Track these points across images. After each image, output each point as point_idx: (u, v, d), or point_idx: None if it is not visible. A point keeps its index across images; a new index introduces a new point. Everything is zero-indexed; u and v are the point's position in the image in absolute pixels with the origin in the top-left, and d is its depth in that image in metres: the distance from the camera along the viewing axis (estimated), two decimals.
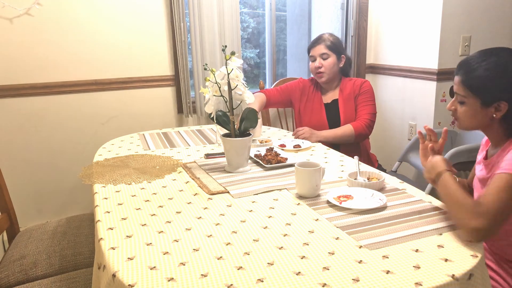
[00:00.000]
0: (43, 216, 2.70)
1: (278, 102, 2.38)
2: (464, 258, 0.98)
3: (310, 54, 2.28)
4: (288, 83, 2.42)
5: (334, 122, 2.25)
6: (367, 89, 2.27)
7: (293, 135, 2.17)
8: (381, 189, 1.41)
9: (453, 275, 0.92)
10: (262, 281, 0.91)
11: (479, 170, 1.36)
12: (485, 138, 1.39)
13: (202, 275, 0.93)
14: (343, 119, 2.25)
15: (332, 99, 2.31)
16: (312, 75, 2.37)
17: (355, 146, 2.28)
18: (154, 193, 1.42)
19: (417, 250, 1.02)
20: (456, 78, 1.27)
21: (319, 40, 2.26)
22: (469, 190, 1.51)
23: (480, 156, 1.38)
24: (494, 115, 1.21)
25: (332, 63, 2.24)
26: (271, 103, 2.36)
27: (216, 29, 2.77)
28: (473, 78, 1.22)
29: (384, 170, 2.20)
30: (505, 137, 1.24)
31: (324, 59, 2.23)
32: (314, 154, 1.88)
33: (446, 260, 0.97)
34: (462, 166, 2.33)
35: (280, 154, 1.75)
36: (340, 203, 1.27)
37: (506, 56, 1.19)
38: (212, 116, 1.62)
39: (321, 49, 2.23)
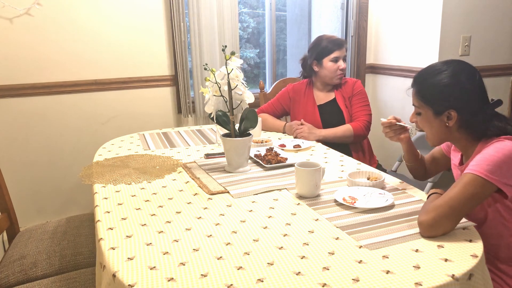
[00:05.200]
0: (43, 216, 2.70)
1: (274, 115, 2.40)
2: (464, 258, 0.98)
3: (333, 56, 2.23)
4: (278, 94, 2.44)
5: (328, 123, 2.25)
6: (361, 89, 2.29)
7: (292, 133, 2.18)
8: (381, 189, 1.41)
9: (453, 275, 0.92)
10: (262, 281, 0.91)
11: (456, 175, 1.39)
12: None
13: (202, 275, 0.93)
14: (347, 118, 2.25)
15: (325, 100, 2.32)
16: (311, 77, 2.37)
17: (356, 146, 2.29)
18: (154, 193, 1.42)
19: (417, 250, 1.02)
20: (412, 90, 1.33)
21: (342, 42, 2.27)
22: (423, 164, 1.58)
23: (456, 159, 1.41)
24: (447, 124, 1.26)
25: None
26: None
27: (215, 29, 2.77)
28: (424, 88, 1.29)
29: (384, 170, 2.20)
30: (471, 143, 1.27)
31: (344, 61, 2.26)
32: (314, 154, 1.88)
33: (446, 260, 0.98)
34: None
35: (280, 154, 1.75)
36: (353, 203, 1.27)
37: (457, 67, 1.26)
38: (212, 116, 1.62)
39: (344, 51, 2.27)
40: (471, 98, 1.24)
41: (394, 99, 3.24)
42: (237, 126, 1.63)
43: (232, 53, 1.52)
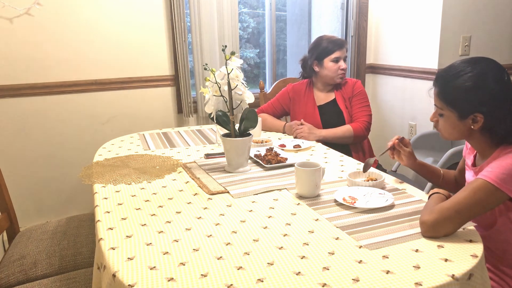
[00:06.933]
0: (43, 216, 2.70)
1: (274, 115, 2.40)
2: (464, 258, 0.98)
3: (334, 56, 2.23)
4: (278, 94, 2.44)
5: (328, 124, 2.25)
6: (361, 90, 2.29)
7: (292, 133, 2.18)
8: (381, 189, 1.41)
9: (453, 275, 0.92)
10: (262, 281, 0.91)
11: (470, 176, 1.36)
12: None
13: (202, 275, 0.93)
14: (347, 118, 2.25)
15: (325, 101, 2.32)
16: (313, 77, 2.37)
17: (356, 146, 2.29)
18: (154, 193, 1.42)
19: (417, 250, 1.02)
20: (434, 90, 1.27)
21: (343, 43, 2.27)
22: (456, 184, 1.55)
23: (469, 160, 1.38)
24: (472, 127, 1.21)
25: None
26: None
27: (215, 29, 2.77)
28: (448, 91, 1.22)
29: (384, 170, 2.20)
30: (490, 146, 1.23)
31: (344, 61, 2.25)
32: (314, 154, 1.88)
33: (446, 260, 0.97)
34: None
35: (280, 154, 1.75)
36: (353, 203, 1.27)
37: (483, 68, 1.18)
38: (212, 116, 1.62)
39: (344, 51, 2.27)
40: (499, 101, 1.17)
41: (394, 99, 3.25)
42: (237, 126, 1.63)
43: (232, 53, 1.52)
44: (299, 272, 0.94)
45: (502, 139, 1.21)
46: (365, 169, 1.50)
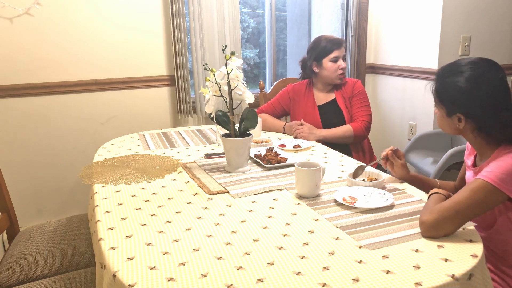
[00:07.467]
0: (43, 216, 2.70)
1: (273, 115, 2.40)
2: (464, 258, 0.98)
3: (333, 55, 2.23)
4: (278, 94, 2.44)
5: (328, 124, 2.25)
6: (361, 90, 2.29)
7: (292, 133, 2.18)
8: (381, 189, 1.41)
9: (453, 275, 0.92)
10: (262, 281, 0.91)
11: (470, 176, 1.36)
12: None
13: (202, 275, 0.93)
14: (347, 118, 2.25)
15: (325, 101, 2.32)
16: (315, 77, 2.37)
17: (356, 146, 2.29)
18: (154, 193, 1.42)
19: (417, 250, 1.02)
20: (434, 84, 1.31)
21: (341, 42, 2.27)
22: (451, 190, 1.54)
23: (469, 161, 1.39)
24: (458, 126, 1.24)
25: None
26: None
27: (216, 29, 2.77)
28: (440, 86, 1.26)
29: (384, 170, 2.20)
30: (489, 146, 1.24)
31: (344, 61, 2.25)
32: (314, 154, 1.88)
33: (446, 260, 0.97)
34: (461, 166, 2.32)
35: (280, 154, 1.75)
36: (353, 203, 1.27)
37: (479, 70, 1.20)
38: (212, 116, 1.62)
39: (343, 51, 2.26)
40: (485, 106, 1.18)
41: (394, 99, 3.25)
42: (237, 126, 1.64)
43: (232, 53, 1.52)
44: (299, 272, 0.94)
45: (500, 140, 1.21)
46: (354, 176, 1.48)
